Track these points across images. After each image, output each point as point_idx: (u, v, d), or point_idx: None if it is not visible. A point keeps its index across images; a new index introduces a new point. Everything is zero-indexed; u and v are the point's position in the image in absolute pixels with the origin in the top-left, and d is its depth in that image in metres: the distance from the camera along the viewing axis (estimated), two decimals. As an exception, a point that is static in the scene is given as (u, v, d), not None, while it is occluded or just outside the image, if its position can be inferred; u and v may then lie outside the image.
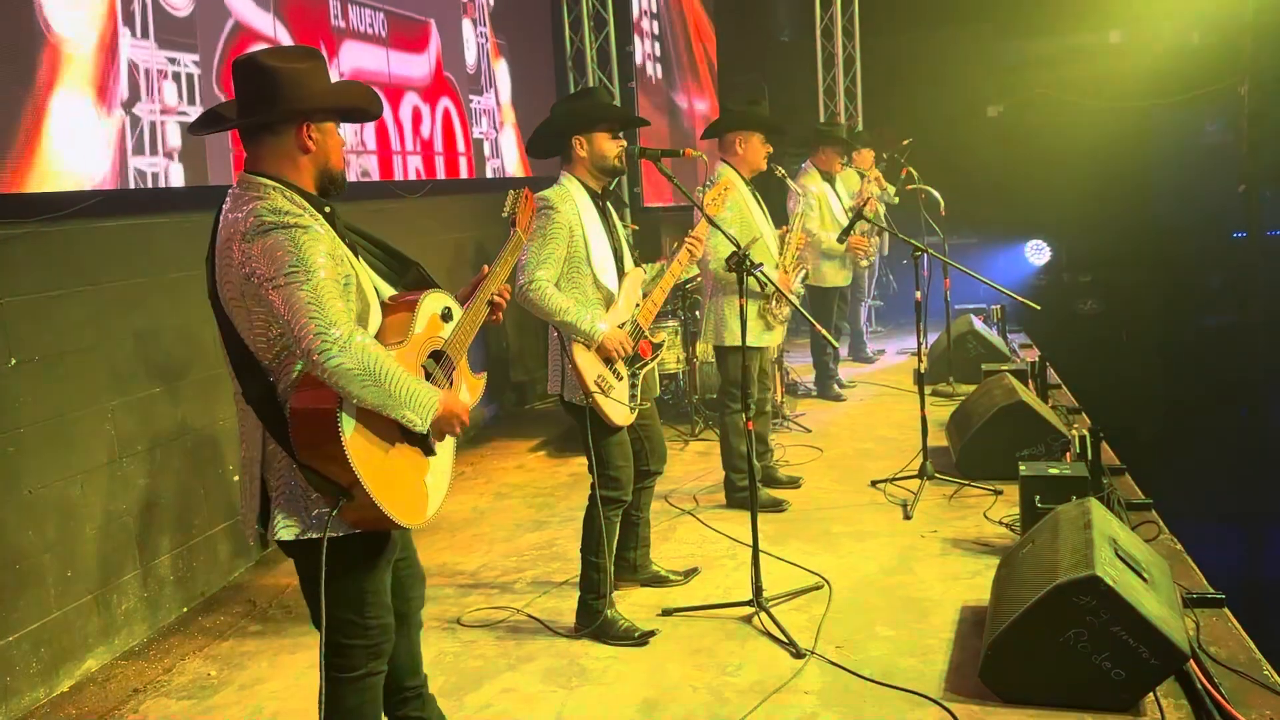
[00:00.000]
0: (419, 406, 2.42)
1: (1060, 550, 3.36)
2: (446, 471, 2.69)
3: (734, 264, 4.00)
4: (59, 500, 3.99)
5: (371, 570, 2.59)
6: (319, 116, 2.49)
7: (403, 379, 2.39)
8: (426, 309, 2.64)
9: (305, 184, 2.51)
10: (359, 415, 2.40)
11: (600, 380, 3.83)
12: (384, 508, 2.42)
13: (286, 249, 2.34)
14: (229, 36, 4.15)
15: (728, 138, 5.35)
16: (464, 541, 5.27)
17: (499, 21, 6.41)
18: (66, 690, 3.93)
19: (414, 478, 2.55)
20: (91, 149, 3.62)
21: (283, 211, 2.38)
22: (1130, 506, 4.75)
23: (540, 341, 8.72)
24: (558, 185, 3.96)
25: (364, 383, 2.32)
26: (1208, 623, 3.64)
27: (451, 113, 6.14)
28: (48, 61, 3.29)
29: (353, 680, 2.63)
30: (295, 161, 2.49)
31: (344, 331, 2.32)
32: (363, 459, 2.38)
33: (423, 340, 2.60)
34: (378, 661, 2.66)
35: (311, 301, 2.32)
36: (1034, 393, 6.02)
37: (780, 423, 7.06)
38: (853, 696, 3.42)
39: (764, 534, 4.29)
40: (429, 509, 2.59)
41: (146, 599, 4.40)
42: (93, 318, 4.20)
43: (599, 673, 3.74)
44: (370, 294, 2.57)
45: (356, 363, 2.31)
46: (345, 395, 2.35)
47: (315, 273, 2.34)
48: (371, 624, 2.61)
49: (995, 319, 8.60)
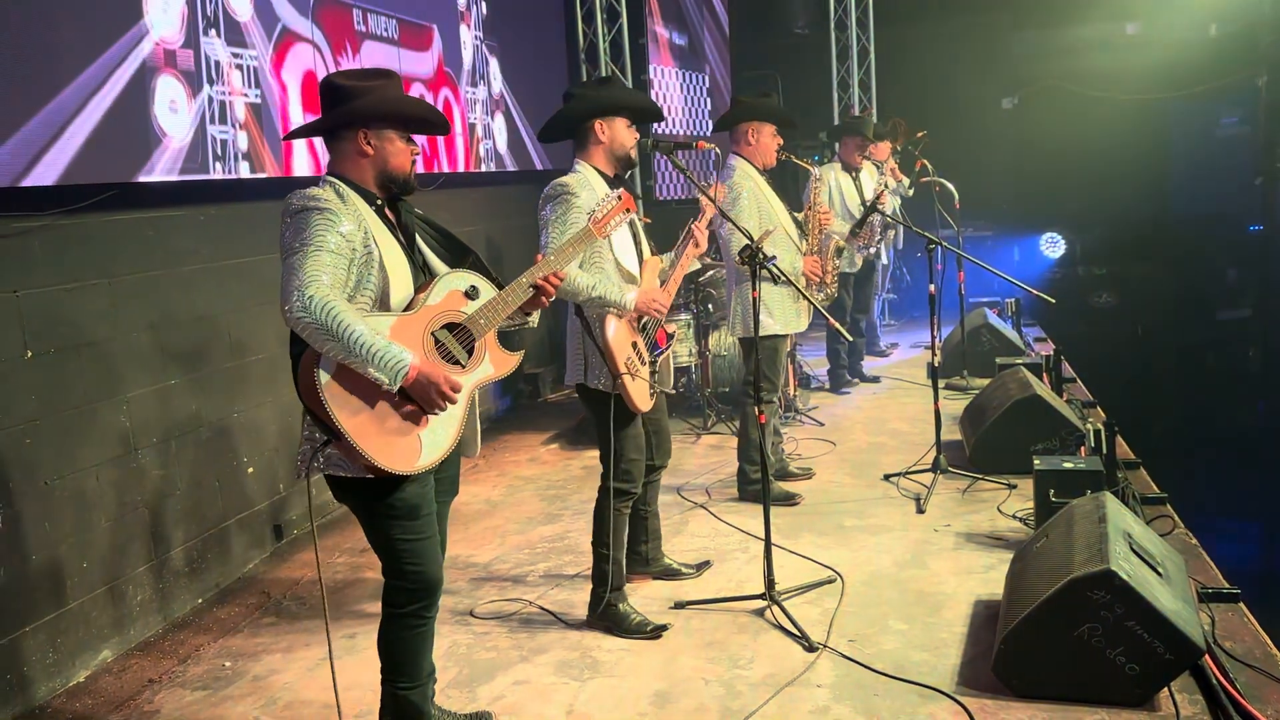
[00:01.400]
0: (383, 366, 2.66)
1: (1074, 544, 3.35)
2: (450, 430, 2.88)
3: (746, 257, 3.99)
4: (74, 492, 4.02)
5: (394, 519, 2.87)
6: (376, 124, 2.87)
7: (365, 339, 2.63)
8: (445, 284, 2.91)
9: (366, 182, 2.89)
10: (337, 369, 2.69)
11: (629, 362, 3.85)
12: (364, 452, 2.70)
13: (300, 226, 2.72)
14: (278, 37, 5.23)
15: (740, 129, 5.33)
16: (477, 534, 5.28)
17: (490, 27, 7.40)
18: (82, 680, 3.96)
19: (403, 428, 2.78)
20: (182, 117, 4.51)
21: (314, 198, 2.76)
22: (1145, 501, 4.73)
23: (553, 334, 8.74)
24: (574, 172, 3.94)
25: (322, 338, 2.62)
26: (1223, 617, 3.63)
27: (451, 101, 6.89)
28: (155, 54, 4.35)
29: (399, 616, 2.98)
30: (357, 163, 2.89)
31: (313, 291, 2.62)
32: (340, 405, 2.68)
33: (437, 311, 2.87)
34: (419, 604, 2.97)
35: (298, 267, 2.66)
36: (1048, 386, 5.99)
37: (793, 416, 7.05)
38: (865, 690, 3.42)
39: (776, 527, 4.28)
40: (420, 459, 2.81)
41: (161, 590, 4.43)
42: (107, 310, 4.23)
43: (611, 665, 3.74)
44: (401, 272, 2.86)
45: (314, 318, 2.60)
46: (317, 349, 2.66)
47: (315, 247, 2.68)
48: (407, 569, 2.92)
49: (1010, 312, 8.56)
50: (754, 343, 5.30)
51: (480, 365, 2.95)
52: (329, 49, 5.57)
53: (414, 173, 2.98)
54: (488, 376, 2.98)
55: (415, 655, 3.03)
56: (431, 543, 2.97)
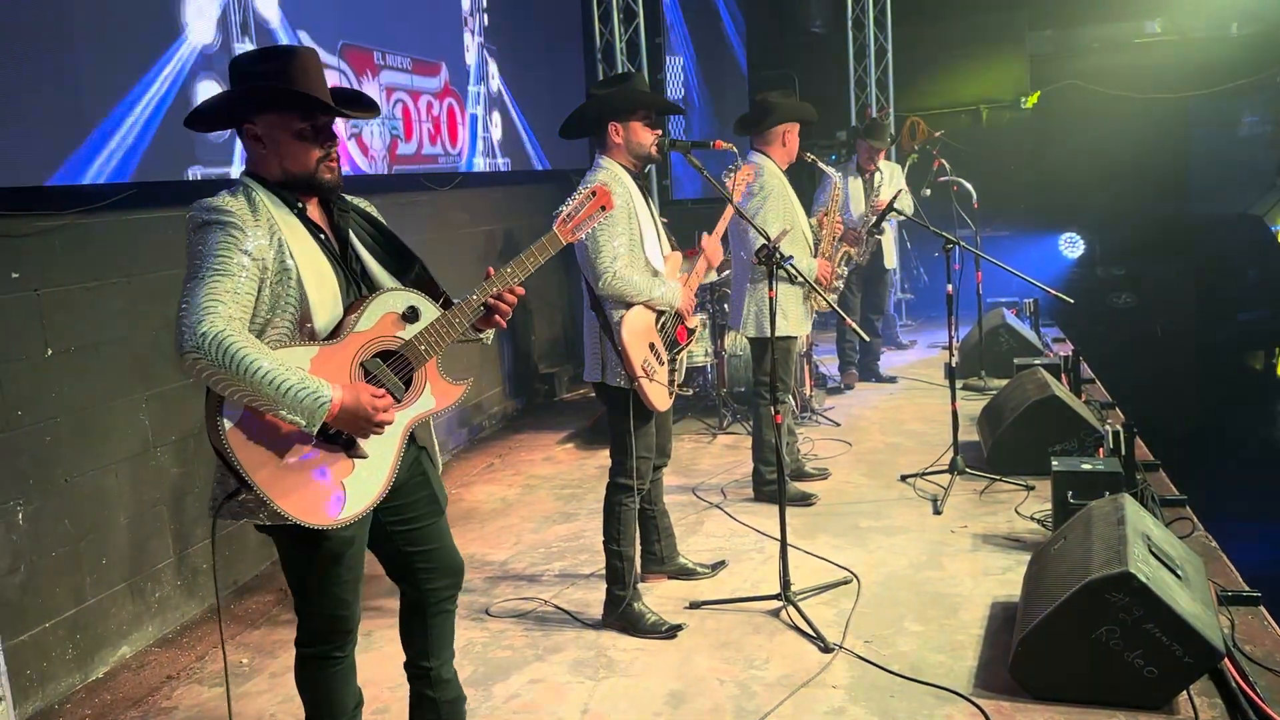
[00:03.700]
0: (297, 406, 2.29)
1: (1093, 546, 3.33)
2: (380, 476, 2.53)
3: (763, 257, 3.98)
4: (94, 489, 4.05)
5: (308, 562, 2.58)
6: (256, 114, 2.47)
7: (276, 377, 2.26)
8: (377, 307, 2.52)
9: (278, 182, 2.51)
10: (245, 413, 2.34)
11: (646, 364, 3.84)
12: (276, 504, 2.36)
13: (199, 248, 2.35)
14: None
15: (774, 130, 5.31)
16: (492, 533, 5.29)
17: (492, 35, 7.56)
18: (101, 676, 3.99)
19: (323, 476, 2.43)
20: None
21: (217, 210, 2.38)
22: (1164, 502, 4.69)
23: (568, 333, 8.75)
24: (603, 169, 3.89)
25: (223, 381, 2.26)
26: (1243, 621, 3.60)
27: (455, 107, 7.06)
28: (193, 58, 4.50)
29: (312, 658, 2.71)
30: (262, 160, 2.51)
31: (205, 327, 2.25)
32: (247, 455, 2.33)
33: (368, 338, 2.49)
34: (328, 646, 2.69)
35: (190, 298, 2.29)
36: (1067, 387, 5.96)
37: (809, 416, 7.03)
38: (881, 692, 3.41)
39: (792, 528, 4.28)
40: (344, 511, 2.45)
41: (179, 587, 4.46)
42: (126, 309, 4.25)
43: (626, 664, 3.74)
44: (325, 289, 2.49)
45: (210, 360, 2.23)
46: (217, 392, 2.32)
47: (211, 272, 2.31)
48: (317, 611, 2.66)
49: (1028, 312, 8.52)
50: (768, 343, 5.31)
51: (419, 398, 2.58)
52: (353, 75, 5.80)
53: (324, 169, 2.52)
54: (427, 410, 2.61)
55: (333, 694, 2.75)
56: (353, 584, 2.66)
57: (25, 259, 3.79)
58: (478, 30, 7.30)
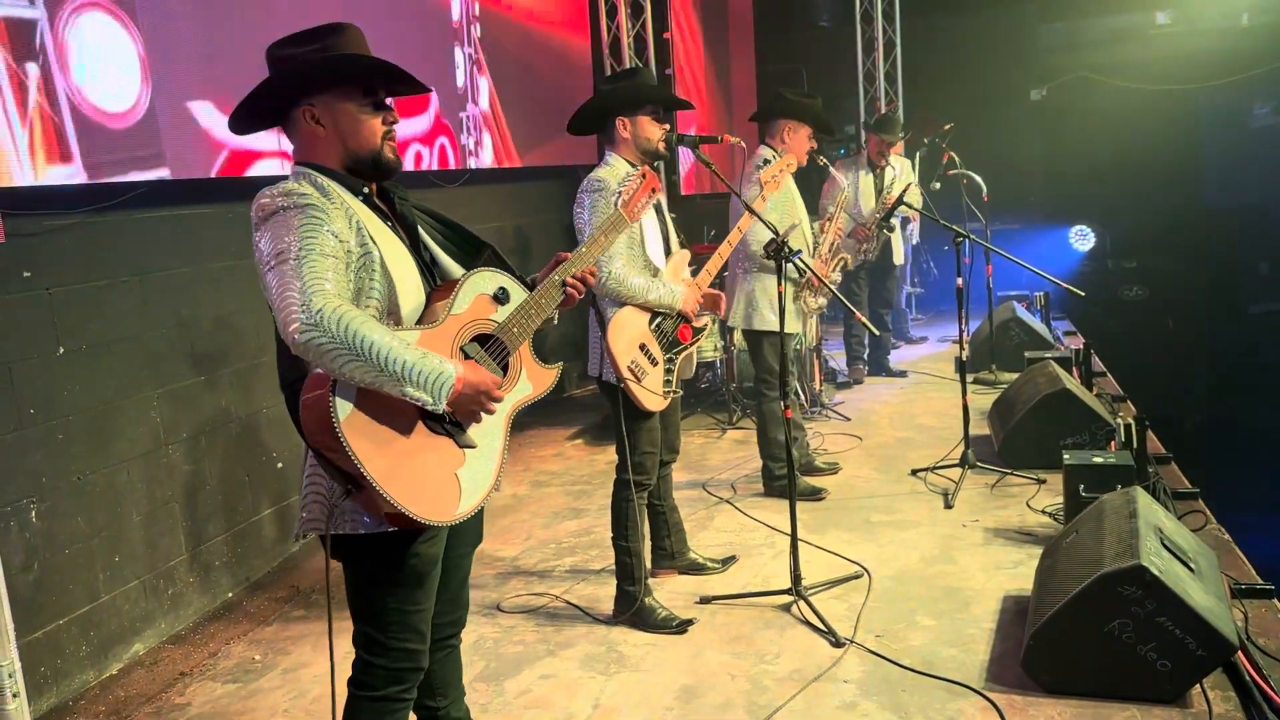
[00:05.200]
0: (424, 383, 2.14)
1: (1105, 540, 3.32)
2: (489, 467, 2.38)
3: (772, 251, 3.98)
4: (106, 486, 4.06)
5: (398, 586, 2.38)
6: (319, 93, 2.32)
7: (398, 352, 2.11)
8: (471, 288, 2.38)
9: (339, 168, 2.36)
10: (358, 397, 2.16)
11: (634, 366, 3.81)
12: (395, 500, 2.17)
13: (279, 232, 2.18)
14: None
15: (777, 124, 5.30)
16: (503, 529, 5.30)
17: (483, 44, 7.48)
18: (115, 673, 4.00)
19: (439, 468, 2.28)
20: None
21: (288, 194, 2.23)
22: (1176, 495, 4.67)
23: (577, 329, 8.75)
24: (607, 165, 3.90)
25: (344, 358, 2.08)
26: (1256, 614, 3.58)
27: (445, 146, 6.85)
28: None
29: (370, 700, 2.46)
30: (318, 146, 2.36)
31: (320, 303, 2.09)
32: (363, 446, 2.15)
33: (465, 321, 2.35)
34: (399, 688, 2.46)
35: (291, 279, 2.12)
36: (1078, 380, 5.94)
37: (819, 411, 7.02)
38: (893, 686, 3.40)
39: (803, 523, 4.27)
40: (461, 504, 2.30)
41: (193, 584, 4.47)
42: (138, 307, 4.27)
43: (637, 660, 3.75)
44: (409, 275, 2.37)
45: (331, 337, 2.07)
46: (333, 374, 2.12)
47: (305, 252, 2.15)
48: (394, 646, 2.42)
49: (1039, 305, 8.49)
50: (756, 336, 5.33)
51: (517, 383, 2.46)
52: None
53: (388, 147, 2.40)
54: (526, 396, 2.50)
55: None
56: (427, 615, 2.46)
57: (37, 258, 3.80)
58: (467, 42, 7.27)
